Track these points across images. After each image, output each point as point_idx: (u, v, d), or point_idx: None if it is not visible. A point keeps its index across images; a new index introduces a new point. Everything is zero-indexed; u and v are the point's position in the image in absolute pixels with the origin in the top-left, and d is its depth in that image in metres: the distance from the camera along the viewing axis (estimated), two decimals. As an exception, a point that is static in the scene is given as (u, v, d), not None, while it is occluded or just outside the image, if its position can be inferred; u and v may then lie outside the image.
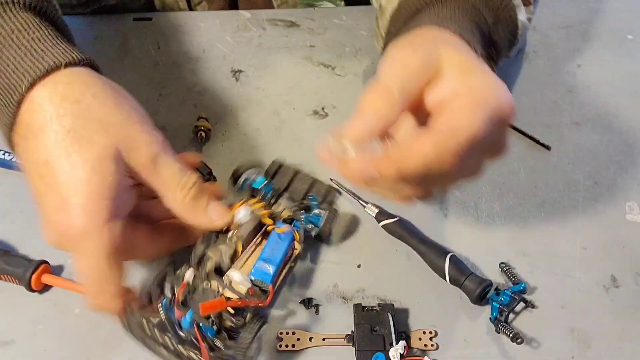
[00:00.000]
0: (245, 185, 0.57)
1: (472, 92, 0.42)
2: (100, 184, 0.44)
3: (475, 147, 0.41)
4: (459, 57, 0.44)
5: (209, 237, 0.52)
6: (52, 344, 0.52)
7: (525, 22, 0.62)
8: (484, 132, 0.41)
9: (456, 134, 0.40)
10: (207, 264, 0.50)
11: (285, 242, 0.53)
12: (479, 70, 0.44)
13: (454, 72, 0.43)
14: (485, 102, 0.42)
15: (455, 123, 0.41)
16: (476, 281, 0.53)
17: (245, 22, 0.79)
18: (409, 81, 0.43)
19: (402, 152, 0.40)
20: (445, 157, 0.40)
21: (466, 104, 0.42)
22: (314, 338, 0.52)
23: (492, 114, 0.41)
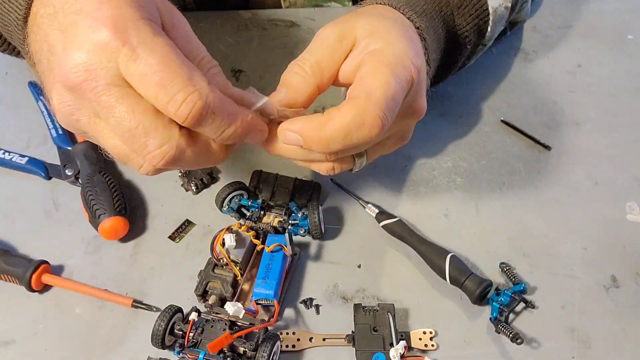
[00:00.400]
0: (232, 207, 0.58)
1: (375, 55, 0.44)
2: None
3: (395, 108, 0.42)
4: (371, 25, 0.46)
5: (207, 271, 0.54)
6: (52, 343, 0.52)
7: (499, 8, 0.62)
8: (397, 90, 0.42)
9: (373, 97, 0.42)
10: (209, 298, 0.52)
11: (278, 257, 0.54)
12: (385, 33, 0.45)
13: (364, 37, 0.45)
14: (388, 61, 0.43)
15: (369, 87, 0.42)
16: (476, 281, 0.53)
17: (245, 22, 0.79)
18: (323, 55, 0.46)
19: (323, 123, 0.42)
20: (367, 122, 0.41)
21: (374, 67, 0.43)
22: (314, 338, 0.52)
23: (398, 71, 0.43)
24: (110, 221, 0.56)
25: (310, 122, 0.43)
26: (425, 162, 0.66)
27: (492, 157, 0.66)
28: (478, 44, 0.64)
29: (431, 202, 0.62)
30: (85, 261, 0.57)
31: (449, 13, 0.58)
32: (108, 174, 0.60)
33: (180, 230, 0.60)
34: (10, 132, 0.68)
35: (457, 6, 0.59)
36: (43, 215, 0.61)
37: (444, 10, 0.58)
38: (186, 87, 0.38)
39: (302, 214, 0.57)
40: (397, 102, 0.43)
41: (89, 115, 0.41)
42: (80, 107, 0.41)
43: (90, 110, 0.41)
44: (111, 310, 0.54)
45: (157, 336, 0.48)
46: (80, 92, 0.39)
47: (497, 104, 0.71)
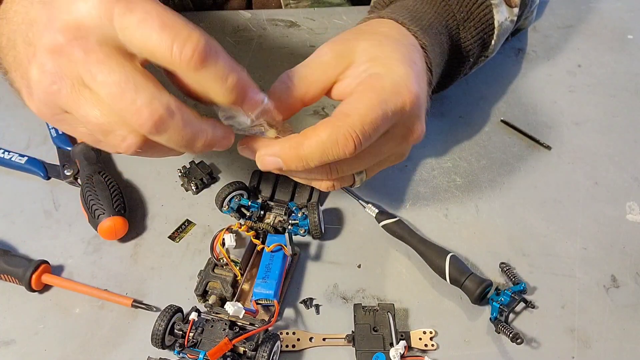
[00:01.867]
0: (232, 207, 0.58)
1: (370, 81, 0.44)
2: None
3: (373, 131, 0.43)
4: (372, 49, 0.46)
5: (207, 271, 0.54)
6: (53, 343, 0.52)
7: (504, 22, 0.62)
8: (379, 119, 0.43)
9: (349, 119, 0.42)
10: (209, 298, 0.53)
11: (278, 257, 0.54)
12: (385, 59, 0.46)
13: (364, 62, 0.46)
14: (382, 90, 0.44)
15: (348, 108, 0.43)
16: (476, 281, 0.53)
17: (245, 22, 0.79)
18: (315, 71, 0.46)
19: (300, 140, 0.43)
20: (340, 141, 0.42)
21: (362, 91, 0.44)
22: (314, 338, 0.52)
23: (387, 97, 0.43)
24: (110, 221, 0.56)
25: (287, 142, 0.44)
26: (425, 162, 0.66)
27: (492, 157, 0.66)
28: (481, 55, 0.64)
29: (431, 202, 0.62)
30: (85, 261, 0.57)
31: (454, 27, 0.58)
32: (107, 174, 0.60)
33: (180, 230, 0.60)
34: (10, 132, 0.68)
35: (463, 20, 0.59)
36: (43, 215, 0.61)
37: (450, 24, 0.58)
38: (186, 26, 0.37)
39: (302, 214, 0.57)
40: (376, 126, 0.43)
41: (72, 83, 0.39)
42: (64, 73, 0.39)
43: (74, 76, 0.39)
44: (111, 310, 0.54)
45: (157, 336, 0.48)
46: (68, 53, 0.38)
47: (497, 104, 0.71)
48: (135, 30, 0.37)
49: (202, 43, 0.37)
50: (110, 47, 0.38)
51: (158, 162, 0.65)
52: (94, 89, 0.38)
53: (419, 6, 0.56)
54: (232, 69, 0.39)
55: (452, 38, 0.59)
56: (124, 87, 0.37)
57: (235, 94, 0.40)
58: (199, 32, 0.37)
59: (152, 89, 0.38)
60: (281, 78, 0.46)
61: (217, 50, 0.39)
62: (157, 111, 0.38)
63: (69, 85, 0.39)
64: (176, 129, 0.39)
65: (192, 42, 0.37)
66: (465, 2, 0.59)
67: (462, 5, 0.59)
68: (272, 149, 0.44)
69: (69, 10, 0.38)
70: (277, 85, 0.46)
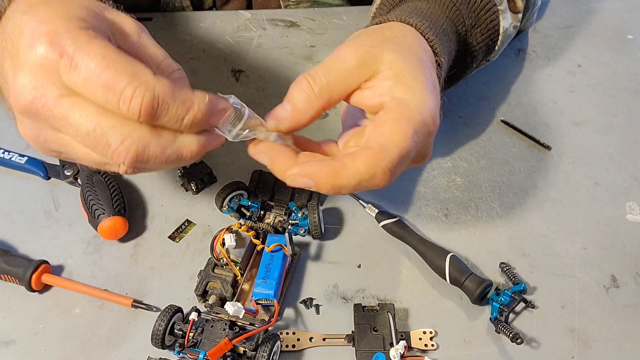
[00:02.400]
0: (232, 207, 0.58)
1: (400, 105, 0.44)
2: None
3: (403, 162, 0.43)
4: (397, 63, 0.45)
5: (207, 271, 0.54)
6: (53, 343, 0.52)
7: (509, 29, 0.62)
8: (412, 147, 0.43)
9: (387, 154, 0.42)
10: (209, 298, 0.53)
11: (278, 257, 0.54)
12: (411, 81, 0.45)
13: (389, 77, 0.45)
14: (411, 116, 0.43)
15: (384, 140, 0.42)
16: (476, 281, 0.53)
17: (245, 22, 0.79)
18: (338, 77, 0.45)
19: (338, 170, 0.42)
20: (378, 175, 0.42)
21: (394, 120, 0.43)
22: (314, 338, 0.52)
23: (417, 127, 0.43)
24: (110, 221, 0.56)
25: (324, 167, 0.42)
26: (426, 162, 0.65)
27: (492, 157, 0.66)
28: (483, 60, 0.64)
29: (431, 202, 0.62)
30: (85, 261, 0.57)
31: (463, 32, 0.58)
32: (107, 174, 0.60)
33: (180, 230, 0.60)
34: (10, 132, 0.68)
35: (472, 26, 0.59)
36: (43, 215, 0.61)
37: (459, 30, 0.58)
38: (131, 83, 0.37)
39: (302, 214, 0.57)
40: (409, 157, 0.43)
41: (52, 133, 0.41)
42: (41, 127, 0.41)
43: (50, 128, 0.41)
44: (111, 310, 0.54)
45: (157, 336, 0.48)
46: (34, 112, 0.39)
47: (497, 104, 0.71)
48: (82, 88, 0.38)
49: (147, 101, 0.37)
50: (68, 97, 0.39)
51: (158, 162, 0.65)
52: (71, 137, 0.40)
53: (432, 10, 0.55)
54: (187, 109, 0.39)
55: (460, 44, 0.58)
56: (93, 134, 0.39)
57: (197, 127, 0.41)
58: (144, 87, 0.37)
59: (121, 128, 0.39)
60: (300, 85, 0.45)
61: (167, 97, 0.38)
62: (132, 149, 0.39)
63: (51, 135, 0.42)
64: (156, 156, 0.40)
65: (137, 102, 0.37)
66: (474, 8, 0.58)
67: (471, 11, 0.58)
68: (306, 169, 0.43)
69: (23, 69, 0.39)
70: (297, 95, 0.44)
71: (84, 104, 0.39)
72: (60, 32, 0.38)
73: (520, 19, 0.64)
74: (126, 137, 0.39)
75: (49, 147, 0.43)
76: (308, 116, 0.45)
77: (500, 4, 0.60)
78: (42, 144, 0.43)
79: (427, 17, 0.53)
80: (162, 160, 0.41)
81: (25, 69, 0.39)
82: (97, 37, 0.39)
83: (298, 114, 0.44)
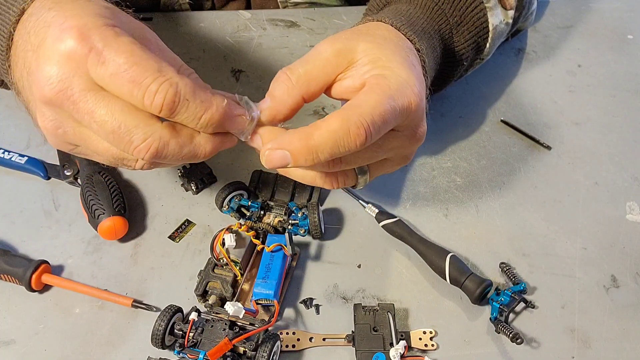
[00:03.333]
0: (232, 207, 0.58)
1: (377, 80, 0.45)
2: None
3: (382, 123, 0.43)
4: (372, 51, 0.47)
5: (207, 271, 0.54)
6: (53, 343, 0.52)
7: (499, 25, 0.62)
8: (388, 113, 0.43)
9: (359, 109, 0.43)
10: (209, 298, 0.53)
11: (278, 257, 0.54)
12: (388, 62, 0.46)
13: (365, 64, 0.46)
14: (389, 88, 0.44)
15: (358, 101, 0.43)
16: (476, 281, 0.53)
17: (245, 22, 0.79)
18: (314, 67, 0.46)
19: (310, 132, 0.42)
20: (352, 130, 0.42)
21: (371, 88, 0.44)
22: (314, 338, 0.52)
23: (394, 95, 0.44)
24: (110, 221, 0.56)
25: (296, 133, 0.43)
26: (425, 162, 0.66)
27: (492, 157, 0.66)
28: (476, 58, 0.64)
29: (431, 202, 0.62)
30: (85, 261, 0.57)
31: (447, 31, 0.59)
32: (107, 174, 0.60)
33: (180, 230, 0.60)
34: (10, 132, 0.68)
35: (457, 24, 0.59)
36: (43, 215, 0.61)
37: (442, 29, 0.58)
38: (157, 79, 0.39)
39: (302, 214, 0.57)
40: (385, 120, 0.43)
41: (73, 126, 0.43)
42: (62, 119, 0.42)
43: (72, 120, 0.42)
44: (111, 310, 0.54)
45: (157, 336, 0.48)
46: (58, 104, 0.41)
47: (497, 104, 0.71)
48: (108, 82, 0.40)
49: (170, 96, 0.39)
50: (94, 92, 0.40)
51: (158, 162, 0.65)
52: (93, 132, 0.42)
53: (412, 11, 0.56)
54: (205, 108, 0.41)
55: (444, 42, 0.58)
56: (118, 132, 0.41)
57: (211, 129, 0.43)
58: (168, 83, 0.39)
59: (144, 127, 0.41)
60: (279, 78, 0.46)
61: (188, 94, 0.40)
62: (152, 146, 0.41)
63: (71, 128, 0.43)
64: (174, 154, 0.42)
65: (161, 96, 0.39)
66: (459, 6, 0.59)
67: (456, 9, 0.58)
68: (279, 141, 0.43)
69: (50, 61, 0.40)
70: (276, 87, 0.46)
71: (110, 100, 0.40)
72: (90, 28, 0.40)
73: (514, 16, 0.64)
74: (148, 135, 0.41)
75: (67, 140, 0.44)
76: (287, 105, 0.46)
77: (488, 1, 0.60)
78: (61, 137, 0.43)
79: (404, 16, 0.55)
80: (178, 158, 0.43)
81: (52, 61, 0.40)
82: (124, 34, 0.41)
83: (277, 103, 0.46)
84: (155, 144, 0.41)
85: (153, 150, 0.41)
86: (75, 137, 0.43)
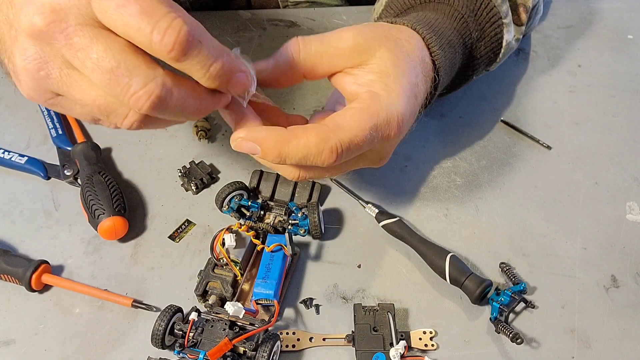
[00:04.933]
0: (232, 207, 0.58)
1: (368, 101, 0.44)
2: None
3: (356, 150, 0.43)
4: (387, 63, 0.46)
5: (207, 271, 0.54)
6: (53, 343, 0.52)
7: (511, 42, 0.62)
8: (365, 139, 0.43)
9: (340, 133, 0.42)
10: (209, 298, 0.53)
11: (278, 257, 0.54)
12: (393, 83, 0.45)
13: (374, 72, 0.45)
14: (377, 116, 0.43)
15: (342, 121, 0.43)
16: (476, 281, 0.53)
17: (245, 22, 0.79)
18: (328, 51, 0.45)
19: (287, 139, 0.42)
20: (325, 152, 0.42)
21: (359, 109, 0.44)
22: (314, 338, 0.52)
23: (379, 124, 0.43)
24: (110, 221, 0.56)
25: (274, 134, 0.42)
26: (425, 162, 0.66)
27: (492, 157, 0.66)
28: (483, 70, 0.64)
29: (431, 202, 0.62)
30: (85, 261, 0.57)
31: (469, 45, 0.58)
32: (107, 174, 0.60)
33: (180, 230, 0.60)
34: (10, 132, 0.68)
35: (477, 39, 0.58)
36: (43, 215, 0.61)
37: (466, 42, 0.57)
38: (169, 14, 0.34)
39: (302, 214, 0.57)
40: (360, 147, 0.43)
41: (59, 67, 0.37)
42: (49, 58, 0.37)
43: (60, 61, 0.37)
44: (111, 310, 0.54)
45: (157, 336, 0.48)
46: (48, 38, 0.36)
47: (497, 104, 0.71)
48: (113, 15, 0.35)
49: (183, 33, 0.35)
50: (93, 27, 0.36)
51: (158, 162, 0.65)
52: (86, 74, 0.37)
53: (440, 22, 0.55)
54: (216, 56, 0.37)
55: (464, 56, 0.58)
56: (116, 72, 0.36)
57: (219, 82, 0.38)
58: (182, 20, 0.35)
59: (146, 69, 0.36)
60: (290, 46, 0.44)
61: (201, 37, 0.36)
62: (154, 93, 0.36)
63: (57, 69, 0.37)
64: (176, 105, 0.38)
65: (173, 32, 0.34)
66: (480, 20, 0.58)
67: (477, 24, 0.58)
68: (254, 134, 0.42)
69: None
70: (283, 54, 0.44)
71: (109, 37, 0.35)
72: None
73: (523, 32, 0.64)
74: (150, 79, 0.36)
75: (48, 86, 0.38)
76: (287, 76, 0.45)
77: (506, 17, 0.59)
78: (42, 81, 0.38)
79: (435, 28, 0.53)
80: (180, 112, 0.38)
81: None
82: None
83: (277, 72, 0.44)
84: (157, 91, 0.36)
85: (155, 99, 0.36)
86: (60, 82, 0.38)
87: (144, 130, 0.42)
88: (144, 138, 0.67)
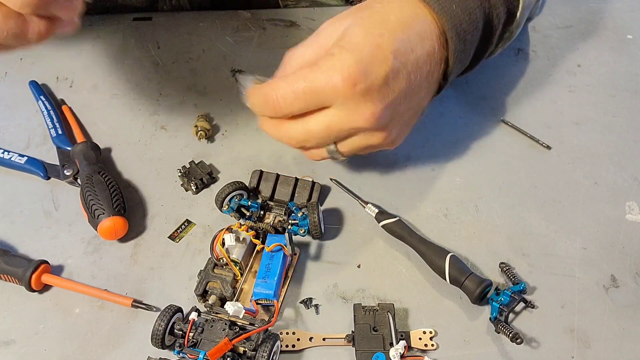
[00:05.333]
0: (232, 207, 0.58)
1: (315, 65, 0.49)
2: None
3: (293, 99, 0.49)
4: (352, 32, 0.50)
5: (207, 271, 0.54)
6: (53, 343, 0.52)
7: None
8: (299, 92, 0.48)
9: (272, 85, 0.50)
10: (209, 298, 0.53)
11: (278, 257, 0.54)
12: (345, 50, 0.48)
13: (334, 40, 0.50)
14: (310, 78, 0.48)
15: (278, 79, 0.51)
16: (476, 281, 0.53)
17: (245, 22, 0.79)
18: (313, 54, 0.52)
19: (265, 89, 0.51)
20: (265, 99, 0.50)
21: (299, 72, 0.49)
22: (314, 338, 0.52)
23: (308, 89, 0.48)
24: (109, 221, 0.56)
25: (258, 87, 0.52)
26: (425, 162, 0.66)
27: (492, 157, 0.66)
28: (505, 31, 0.61)
29: (431, 202, 0.62)
30: (85, 261, 0.57)
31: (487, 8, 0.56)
32: (107, 174, 0.60)
33: (180, 230, 0.60)
34: (10, 132, 0.68)
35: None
36: (43, 215, 0.61)
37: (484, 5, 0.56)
38: None
39: (302, 214, 0.57)
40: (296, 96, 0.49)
41: None
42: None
43: None
44: (111, 310, 0.54)
45: (157, 336, 0.48)
46: None
47: (497, 104, 0.71)
48: None
49: None
50: None
51: (158, 162, 0.65)
52: None
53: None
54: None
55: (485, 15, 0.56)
56: None
57: (31, 8, 0.39)
58: None
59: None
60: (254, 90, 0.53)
61: None
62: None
63: None
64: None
65: None
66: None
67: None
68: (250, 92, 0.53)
69: None
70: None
71: None
72: None
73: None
74: None
75: None
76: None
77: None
78: None
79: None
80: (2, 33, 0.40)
81: None
82: None
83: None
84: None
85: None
86: None
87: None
88: (144, 138, 0.67)
